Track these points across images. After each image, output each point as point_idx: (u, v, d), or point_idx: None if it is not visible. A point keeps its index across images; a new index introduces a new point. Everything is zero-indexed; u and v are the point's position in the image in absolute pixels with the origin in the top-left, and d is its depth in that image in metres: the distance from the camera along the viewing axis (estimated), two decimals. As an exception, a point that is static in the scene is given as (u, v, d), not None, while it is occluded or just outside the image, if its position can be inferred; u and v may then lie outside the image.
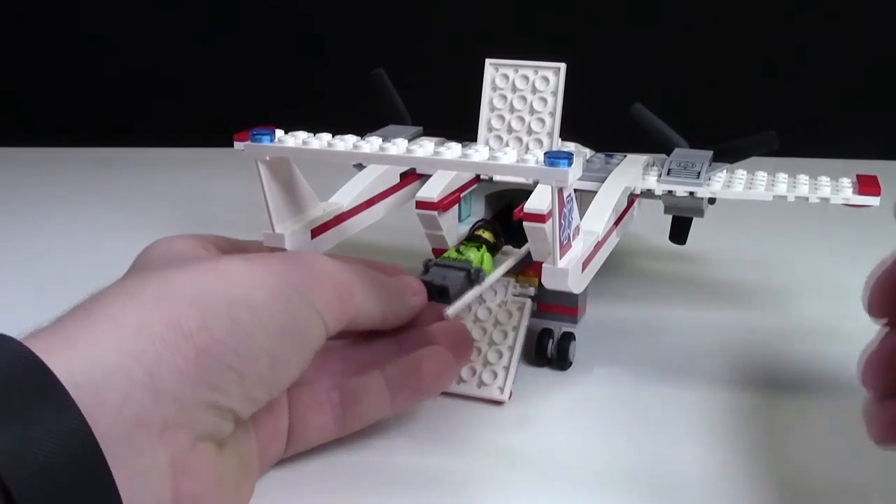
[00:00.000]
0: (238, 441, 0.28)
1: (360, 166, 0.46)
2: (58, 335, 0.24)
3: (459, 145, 0.32)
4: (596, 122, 0.34)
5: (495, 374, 0.39)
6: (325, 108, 0.66)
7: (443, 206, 0.39)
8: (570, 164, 0.29)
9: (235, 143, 0.43)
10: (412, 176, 0.45)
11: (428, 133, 0.49)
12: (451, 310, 0.36)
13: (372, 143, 0.32)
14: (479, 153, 0.30)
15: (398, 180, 0.44)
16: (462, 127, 0.45)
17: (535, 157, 0.30)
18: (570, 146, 0.46)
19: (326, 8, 1.01)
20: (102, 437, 0.22)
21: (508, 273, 0.40)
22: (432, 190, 0.39)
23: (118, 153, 0.93)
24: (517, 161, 0.30)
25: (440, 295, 0.36)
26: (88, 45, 1.05)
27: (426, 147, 0.32)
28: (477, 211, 0.45)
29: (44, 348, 0.23)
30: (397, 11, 0.99)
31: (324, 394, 0.33)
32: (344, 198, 0.39)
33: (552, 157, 0.29)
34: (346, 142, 0.32)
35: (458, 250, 0.39)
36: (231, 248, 0.35)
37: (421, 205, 0.39)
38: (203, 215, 0.69)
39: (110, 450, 0.22)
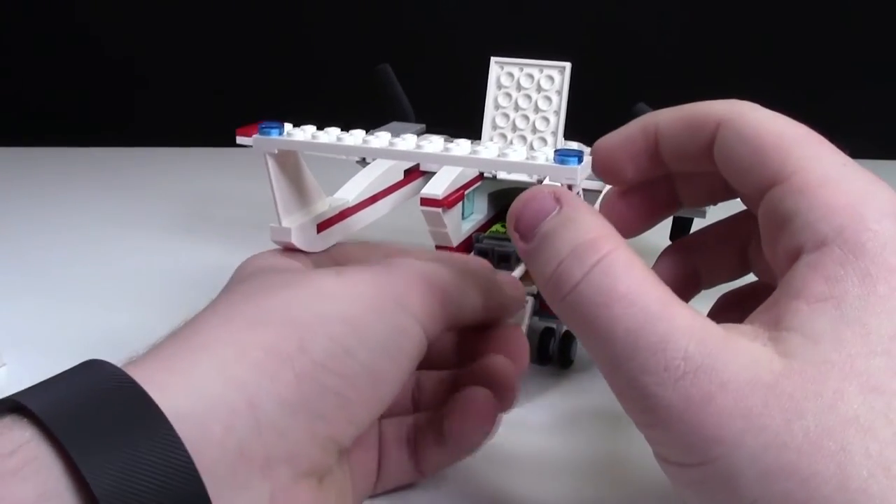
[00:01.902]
0: (336, 475, 0.27)
1: (363, 163, 0.46)
2: (156, 363, 0.23)
3: (469, 142, 0.32)
4: (599, 121, 0.34)
5: (498, 372, 0.39)
6: (327, 105, 0.66)
7: (447, 203, 0.39)
8: (580, 161, 0.29)
9: (238, 138, 0.43)
10: (416, 173, 0.45)
11: (431, 131, 0.50)
12: (517, 272, 0.38)
13: (381, 138, 0.32)
14: (488, 150, 0.31)
15: (402, 177, 0.44)
16: (465, 125, 0.45)
17: (545, 154, 0.30)
18: (574, 145, 0.46)
19: (330, 6, 1.01)
20: (205, 472, 0.21)
21: None
22: (437, 187, 0.39)
23: (118, 153, 0.93)
24: (527, 158, 0.30)
25: (502, 261, 0.38)
26: (89, 45, 1.05)
27: (436, 143, 0.32)
28: (480, 208, 0.46)
29: (143, 377, 0.22)
30: (401, 9, 1.00)
31: (404, 427, 0.32)
32: (349, 193, 0.40)
33: (562, 155, 0.29)
34: (355, 136, 0.32)
35: (503, 225, 0.41)
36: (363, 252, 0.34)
37: (426, 201, 0.39)
38: (203, 214, 0.69)
39: (212, 485, 0.21)
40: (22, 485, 0.19)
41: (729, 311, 0.31)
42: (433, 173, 0.41)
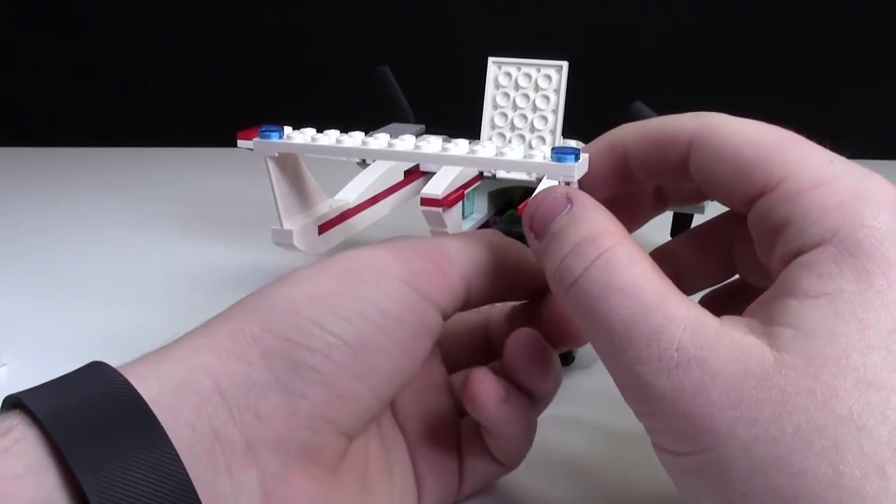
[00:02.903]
0: (369, 469, 0.26)
1: (363, 164, 0.46)
2: (142, 360, 0.23)
3: (467, 141, 0.32)
4: (597, 119, 0.34)
5: (499, 370, 0.39)
6: (327, 107, 0.66)
7: (447, 202, 0.39)
8: (576, 159, 0.29)
9: (239, 142, 0.43)
10: (416, 173, 0.45)
11: (430, 131, 0.50)
12: None
13: (380, 140, 0.32)
14: (486, 149, 0.31)
15: (402, 177, 0.44)
16: (464, 125, 0.45)
17: (543, 152, 0.30)
18: (573, 143, 0.46)
19: (329, 7, 1.01)
20: (181, 451, 0.21)
21: None
22: (437, 187, 0.39)
23: (118, 153, 0.93)
24: (524, 156, 0.30)
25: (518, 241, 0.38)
26: (89, 46, 1.05)
27: (434, 143, 0.32)
28: (480, 207, 0.46)
29: (130, 373, 0.22)
30: (399, 10, 1.00)
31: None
32: (350, 194, 0.40)
33: (559, 153, 0.29)
34: (354, 138, 0.33)
35: (516, 211, 0.43)
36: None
37: (426, 201, 0.39)
38: (204, 214, 0.69)
39: (190, 465, 0.21)
40: (13, 459, 0.20)
41: (717, 308, 0.30)
42: (433, 173, 0.41)
